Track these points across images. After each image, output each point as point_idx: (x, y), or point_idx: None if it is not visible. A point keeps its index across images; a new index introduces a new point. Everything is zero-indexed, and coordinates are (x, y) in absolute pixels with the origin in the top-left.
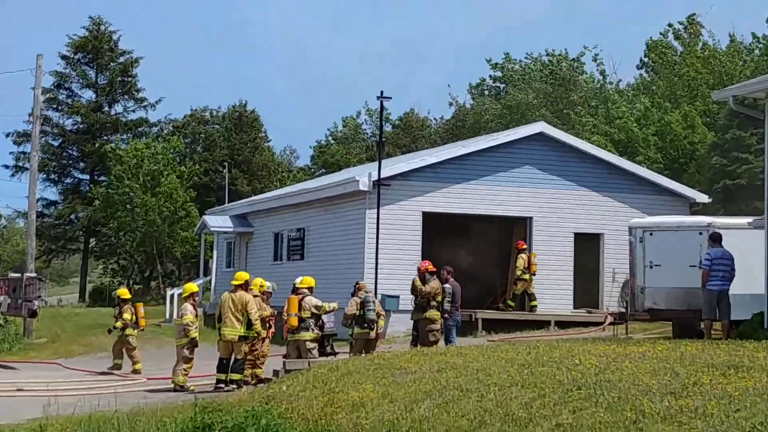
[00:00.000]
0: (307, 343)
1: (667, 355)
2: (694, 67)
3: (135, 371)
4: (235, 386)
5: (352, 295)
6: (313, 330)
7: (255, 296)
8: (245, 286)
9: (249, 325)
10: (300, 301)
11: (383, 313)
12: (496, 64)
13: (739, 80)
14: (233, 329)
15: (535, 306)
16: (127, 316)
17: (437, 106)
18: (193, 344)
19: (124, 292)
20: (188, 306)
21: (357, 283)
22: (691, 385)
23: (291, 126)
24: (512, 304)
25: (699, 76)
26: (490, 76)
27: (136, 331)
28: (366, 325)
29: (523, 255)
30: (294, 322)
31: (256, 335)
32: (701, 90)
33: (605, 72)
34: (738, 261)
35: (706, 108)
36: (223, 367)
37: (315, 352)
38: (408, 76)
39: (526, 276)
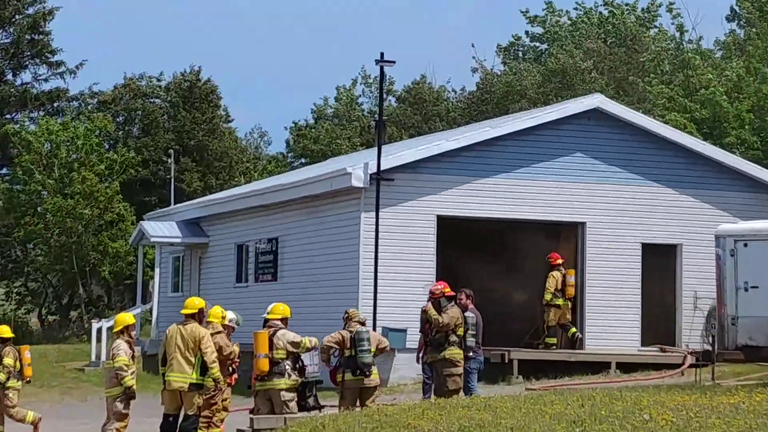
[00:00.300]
0: (283, 393)
1: None
2: None
3: (33, 425)
4: None
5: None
6: (289, 375)
7: (217, 332)
8: (199, 316)
9: (204, 369)
10: (271, 337)
11: (386, 345)
12: (536, 17)
13: None
14: (182, 375)
15: (576, 333)
16: (8, 361)
17: (457, 74)
18: (128, 395)
19: (4, 330)
20: (122, 344)
21: (347, 312)
22: None
23: (260, 101)
24: (554, 341)
25: None
26: (527, 33)
27: (20, 383)
28: (359, 370)
29: (555, 273)
30: (264, 365)
31: (213, 383)
32: None
33: (683, 27)
34: None
35: None
36: (168, 426)
37: (293, 405)
38: (419, 33)
39: (559, 300)
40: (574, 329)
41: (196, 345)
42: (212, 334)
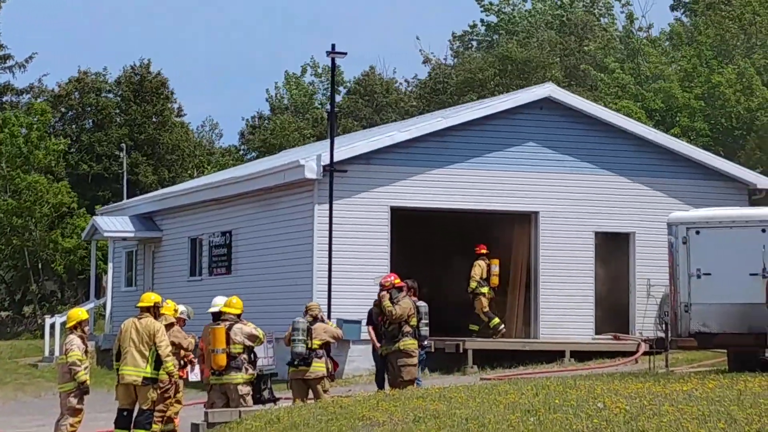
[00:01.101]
0: (240, 387)
1: (721, 394)
2: (751, 6)
3: None
4: None
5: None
6: (246, 370)
7: (170, 324)
8: (154, 310)
9: (158, 363)
10: (227, 332)
11: (335, 335)
12: (490, 4)
13: None
14: (136, 369)
15: (498, 325)
16: None
17: (408, 63)
18: (82, 390)
19: None
20: (75, 339)
21: (307, 307)
22: None
23: (210, 92)
24: (496, 321)
25: (759, 20)
26: (482, 21)
27: None
28: (293, 360)
29: (480, 262)
30: (222, 360)
31: (168, 377)
32: (761, 37)
33: (633, 15)
34: None
35: None
36: (123, 421)
37: (249, 398)
38: (367, 21)
39: (485, 289)
40: (497, 320)
41: (151, 338)
42: (166, 326)
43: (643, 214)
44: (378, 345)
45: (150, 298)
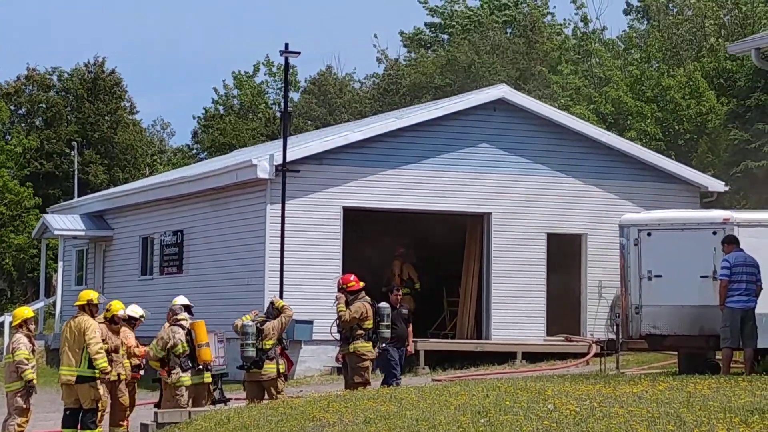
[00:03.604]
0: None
1: (671, 396)
2: (699, 11)
3: None
4: None
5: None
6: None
7: (111, 323)
8: (89, 307)
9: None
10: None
11: (286, 321)
12: (435, 8)
13: (764, 28)
14: (69, 368)
15: None
16: None
17: (365, 61)
18: (28, 390)
19: None
20: (21, 337)
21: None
22: None
23: (161, 91)
24: None
25: (708, 23)
26: (426, 24)
27: None
28: (244, 363)
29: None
30: (208, 355)
31: (103, 376)
32: (710, 42)
33: (587, 18)
34: (765, 269)
35: (718, 66)
36: (68, 420)
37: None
38: (325, 18)
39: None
40: None
41: (82, 336)
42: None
43: (594, 216)
44: (411, 344)
45: (85, 295)
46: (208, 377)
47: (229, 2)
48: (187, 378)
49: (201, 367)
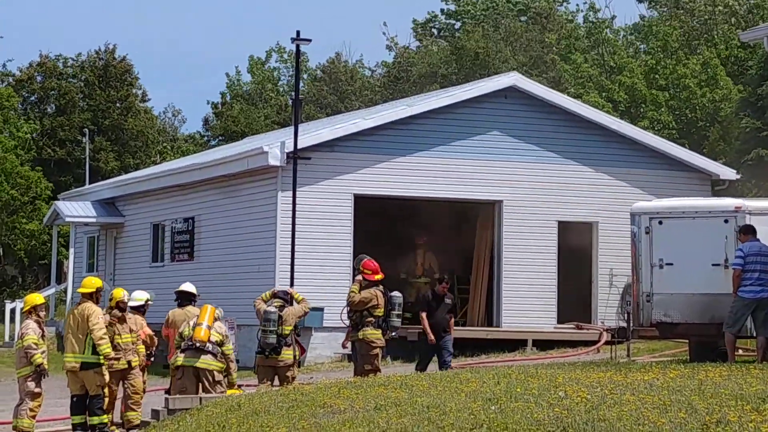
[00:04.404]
0: (215, 373)
1: (682, 384)
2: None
3: None
4: None
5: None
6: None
7: (120, 311)
8: (95, 296)
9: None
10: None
11: (305, 311)
12: None
13: None
14: (74, 355)
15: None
16: None
17: (373, 49)
18: (39, 373)
19: None
20: (30, 323)
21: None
22: (714, 424)
23: (172, 78)
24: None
25: (718, 11)
26: (442, 11)
27: None
28: (261, 349)
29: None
30: (198, 334)
31: (107, 362)
32: (723, 29)
33: (595, 5)
34: None
35: (731, 54)
36: (75, 407)
37: (225, 384)
38: (333, 5)
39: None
40: None
41: (86, 323)
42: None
43: (606, 204)
44: (429, 332)
45: (91, 283)
46: (206, 362)
47: None
48: (179, 358)
49: (198, 345)
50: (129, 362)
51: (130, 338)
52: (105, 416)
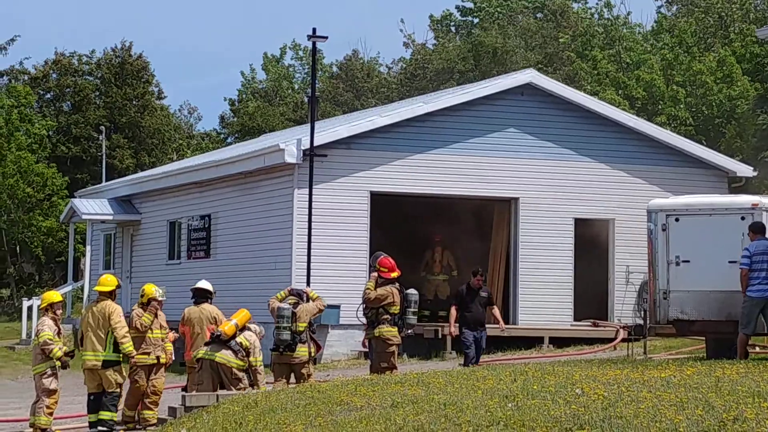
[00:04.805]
0: (234, 371)
1: (699, 381)
2: None
3: None
4: (105, 429)
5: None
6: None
7: (142, 305)
8: (113, 294)
9: (118, 345)
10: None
11: (320, 309)
12: None
13: None
14: (95, 353)
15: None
16: None
17: (390, 46)
18: (55, 370)
19: None
20: (46, 320)
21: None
22: (731, 421)
23: (192, 76)
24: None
25: (734, 7)
26: (458, 8)
27: None
28: (275, 346)
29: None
30: (223, 326)
31: (126, 360)
32: (738, 26)
33: (611, 3)
34: None
35: (746, 51)
36: (92, 405)
37: (246, 382)
38: (349, 2)
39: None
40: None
41: (107, 321)
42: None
43: (622, 201)
44: (454, 326)
45: (108, 281)
46: (224, 357)
47: None
48: (201, 351)
49: (221, 337)
50: (158, 357)
51: (160, 334)
52: (115, 413)
